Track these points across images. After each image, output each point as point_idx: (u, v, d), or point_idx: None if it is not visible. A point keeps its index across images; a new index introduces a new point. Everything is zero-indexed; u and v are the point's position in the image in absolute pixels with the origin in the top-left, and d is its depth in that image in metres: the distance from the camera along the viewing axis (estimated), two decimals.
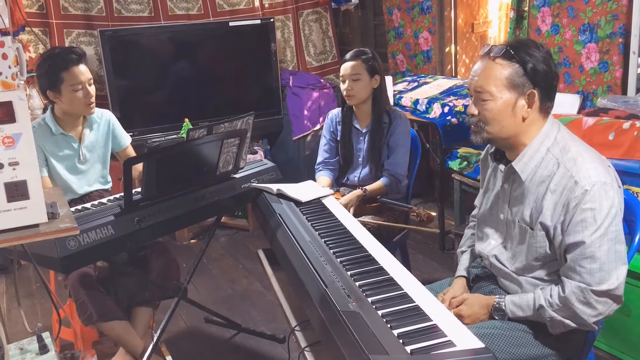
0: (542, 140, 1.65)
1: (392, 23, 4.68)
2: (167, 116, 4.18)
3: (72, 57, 2.53)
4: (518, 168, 1.68)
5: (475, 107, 1.67)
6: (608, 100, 2.70)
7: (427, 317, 1.41)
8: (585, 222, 1.54)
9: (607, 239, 1.53)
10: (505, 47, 1.63)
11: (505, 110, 1.63)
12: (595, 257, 1.53)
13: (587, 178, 1.54)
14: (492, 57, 1.64)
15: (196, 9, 4.56)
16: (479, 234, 1.92)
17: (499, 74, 1.61)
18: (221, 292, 3.47)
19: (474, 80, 1.67)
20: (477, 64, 1.69)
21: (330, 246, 1.83)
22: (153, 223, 2.09)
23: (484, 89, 1.63)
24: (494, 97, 1.62)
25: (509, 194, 1.76)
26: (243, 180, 2.44)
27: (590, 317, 1.56)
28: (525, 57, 1.60)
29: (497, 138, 1.68)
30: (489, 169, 1.89)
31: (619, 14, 2.88)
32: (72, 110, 2.59)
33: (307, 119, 4.57)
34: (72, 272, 2.33)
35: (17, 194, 1.27)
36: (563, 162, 1.60)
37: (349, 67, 2.72)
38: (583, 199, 1.53)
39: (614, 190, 1.55)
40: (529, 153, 1.66)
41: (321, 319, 1.45)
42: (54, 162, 2.62)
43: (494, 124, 1.65)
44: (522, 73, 1.60)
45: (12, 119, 1.23)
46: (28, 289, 3.57)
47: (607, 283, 1.53)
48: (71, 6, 4.11)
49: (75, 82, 2.51)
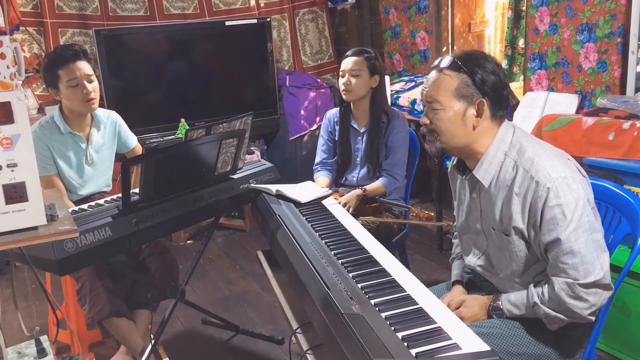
0: (498, 146, 1.68)
1: (388, 22, 4.67)
2: (163, 116, 4.16)
3: (68, 53, 2.51)
4: (479, 176, 1.70)
5: (427, 117, 1.71)
6: (608, 100, 2.70)
7: (431, 319, 1.39)
8: (555, 219, 1.55)
9: (582, 231, 1.54)
10: (452, 58, 1.67)
11: (456, 119, 1.66)
12: (574, 251, 1.54)
13: (546, 176, 1.56)
14: (440, 68, 1.68)
15: (192, 8, 4.54)
16: (463, 246, 1.94)
17: (447, 85, 1.65)
18: (218, 294, 3.45)
19: (425, 91, 1.71)
20: (429, 75, 1.73)
21: (331, 247, 1.81)
22: (151, 224, 2.08)
23: (434, 99, 1.67)
24: (444, 107, 1.66)
25: (478, 203, 1.78)
26: (241, 180, 2.43)
27: (584, 309, 1.57)
28: (474, 68, 1.63)
29: (450, 147, 1.71)
30: (458, 181, 1.91)
31: (617, 14, 2.87)
32: (73, 108, 2.56)
33: (304, 118, 4.55)
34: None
35: (15, 196, 1.24)
36: (521, 164, 1.63)
37: (350, 62, 2.71)
38: (547, 197, 1.55)
39: (576, 182, 1.57)
40: (487, 160, 1.69)
41: (324, 321, 1.43)
42: (60, 161, 2.60)
43: (446, 134, 1.68)
44: (470, 83, 1.64)
45: (11, 120, 1.21)
46: (23, 291, 3.54)
47: (593, 274, 1.54)
48: (66, 5, 4.08)
49: (71, 78, 2.49)
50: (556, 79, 3.28)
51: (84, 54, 2.55)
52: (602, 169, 2.46)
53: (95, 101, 2.57)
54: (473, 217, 1.83)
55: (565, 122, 2.62)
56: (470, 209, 1.83)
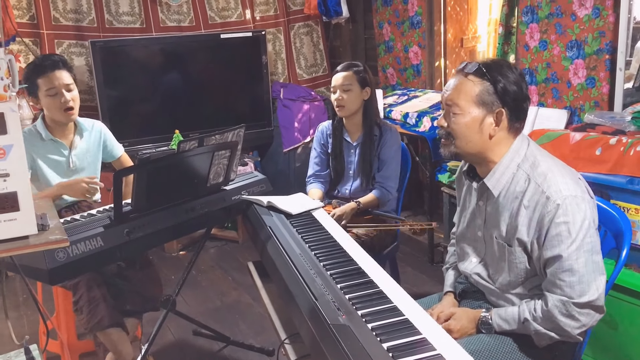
0: (512, 157, 1.68)
1: (382, 37, 4.72)
2: (157, 127, 4.18)
3: (47, 63, 2.54)
4: (490, 185, 1.71)
5: (445, 119, 1.72)
6: (595, 116, 2.74)
7: (416, 330, 1.41)
8: (560, 236, 1.56)
9: (584, 251, 1.56)
10: (478, 64, 1.67)
11: (473, 125, 1.67)
12: (573, 269, 1.56)
13: (558, 192, 1.57)
14: (465, 73, 1.68)
15: (188, 21, 4.58)
16: (459, 252, 1.95)
17: (469, 90, 1.66)
18: (210, 305, 3.45)
19: (446, 94, 1.71)
20: (452, 78, 1.73)
21: (321, 259, 1.83)
22: (143, 235, 2.09)
23: (454, 103, 1.67)
24: (463, 112, 1.67)
25: (484, 211, 1.78)
26: (233, 192, 2.44)
27: (574, 329, 1.58)
28: (497, 77, 1.64)
29: (464, 153, 1.72)
30: (464, 187, 1.92)
31: (605, 31, 2.92)
32: (52, 116, 2.59)
33: (298, 131, 4.58)
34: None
35: (7, 206, 1.26)
36: (534, 178, 1.63)
37: (340, 77, 2.74)
38: (556, 214, 1.56)
39: (585, 203, 1.58)
40: (499, 170, 1.69)
41: (311, 332, 1.45)
42: (44, 167, 2.61)
43: (461, 138, 1.69)
44: (492, 91, 1.64)
45: (4, 131, 1.23)
46: (14, 301, 3.54)
47: (588, 295, 1.55)
48: (62, 17, 4.11)
49: (49, 87, 2.52)
50: (546, 95, 3.32)
51: (64, 63, 2.58)
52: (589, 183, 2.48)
53: (75, 111, 2.60)
54: (475, 224, 1.83)
55: (553, 137, 2.66)
56: (474, 216, 1.84)
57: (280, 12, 4.94)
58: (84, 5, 4.16)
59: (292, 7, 5.01)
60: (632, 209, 2.38)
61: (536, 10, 3.29)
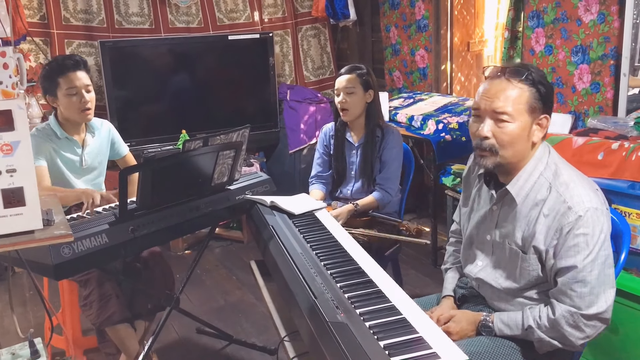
0: (536, 164, 1.65)
1: (389, 40, 4.74)
2: (164, 127, 4.22)
3: (69, 62, 2.57)
4: (513, 191, 1.67)
5: (489, 128, 1.62)
6: (598, 121, 2.75)
7: (413, 329, 1.43)
8: (577, 247, 1.55)
9: (598, 264, 1.55)
10: (524, 70, 1.60)
11: (522, 134, 1.61)
12: (586, 281, 1.55)
13: (580, 204, 1.56)
14: (508, 78, 1.60)
15: (196, 22, 4.62)
16: (465, 255, 1.93)
17: (518, 97, 1.59)
18: (214, 303, 3.48)
19: (492, 102, 1.60)
20: (491, 84, 1.63)
21: (321, 258, 1.85)
22: (147, 232, 2.11)
23: (505, 111, 1.59)
24: (513, 120, 1.59)
25: (497, 216, 1.76)
26: (237, 192, 2.47)
27: (578, 339, 1.59)
28: (540, 82, 1.60)
29: (506, 162, 1.65)
30: (474, 189, 1.88)
31: (610, 37, 2.93)
32: (68, 116, 2.62)
33: (304, 132, 4.61)
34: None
35: (13, 201, 1.29)
36: (555, 187, 1.61)
37: (344, 80, 2.76)
38: (576, 225, 1.55)
39: (604, 216, 1.58)
40: (523, 177, 1.66)
41: (310, 329, 1.47)
42: (60, 163, 2.65)
43: (508, 148, 1.61)
44: (538, 97, 1.60)
45: (11, 127, 1.26)
46: (21, 297, 3.58)
47: (596, 306, 1.56)
48: (72, 17, 4.16)
49: (70, 86, 2.55)
50: None
51: (84, 64, 2.62)
52: None
53: (91, 111, 2.64)
54: (485, 228, 1.81)
55: (556, 142, 2.67)
56: (485, 220, 1.80)
57: (288, 14, 4.98)
58: (94, 6, 4.21)
59: (300, 10, 5.05)
60: (633, 213, 2.39)
61: (542, 15, 3.30)
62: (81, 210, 2.32)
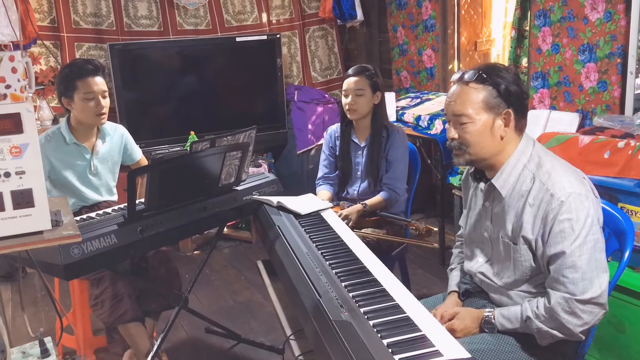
0: (519, 157, 1.72)
1: (396, 40, 4.75)
2: (173, 129, 4.26)
3: (88, 67, 2.61)
4: (498, 185, 1.74)
5: (454, 130, 1.74)
6: (604, 119, 2.74)
7: (416, 327, 1.44)
8: (564, 233, 1.59)
9: (587, 248, 1.58)
10: (477, 71, 1.70)
11: (484, 131, 1.70)
12: (576, 266, 1.58)
13: (562, 190, 1.60)
14: (465, 81, 1.71)
15: (204, 24, 4.65)
16: (467, 252, 1.98)
17: (474, 97, 1.69)
18: (222, 303, 3.51)
19: (451, 105, 1.74)
20: (452, 89, 1.76)
21: (327, 257, 1.87)
22: (155, 233, 2.14)
23: (462, 113, 1.70)
24: (472, 120, 1.69)
25: (490, 212, 1.81)
26: (245, 192, 2.49)
27: (577, 326, 1.60)
28: (497, 80, 1.68)
29: (478, 159, 1.75)
30: (471, 189, 1.95)
31: (617, 35, 2.93)
32: (83, 119, 2.65)
33: (311, 133, 4.63)
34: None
35: (22, 202, 1.32)
36: (538, 177, 1.67)
37: (352, 82, 2.77)
38: (560, 210, 1.59)
39: (589, 201, 1.61)
40: (507, 170, 1.72)
41: (314, 328, 1.49)
42: (64, 171, 2.68)
43: (474, 146, 1.71)
44: (496, 95, 1.68)
45: (20, 130, 1.29)
46: (33, 297, 3.62)
47: (590, 291, 1.57)
48: (82, 20, 4.20)
49: (88, 91, 2.59)
50: (558, 98, 3.33)
51: (102, 70, 2.66)
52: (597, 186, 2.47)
53: (106, 116, 2.68)
54: (481, 225, 1.86)
55: (563, 140, 2.67)
56: (480, 217, 1.87)
57: (296, 16, 5.00)
58: (103, 9, 4.25)
59: (308, 11, 5.07)
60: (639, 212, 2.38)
61: (548, 14, 3.30)
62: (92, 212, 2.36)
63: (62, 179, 2.69)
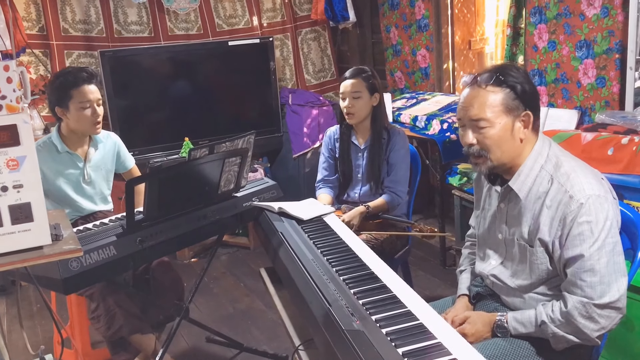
0: (536, 158, 1.68)
1: (390, 41, 4.72)
2: (167, 135, 4.20)
3: (83, 75, 2.57)
4: (515, 187, 1.69)
5: (472, 136, 1.68)
6: (606, 116, 2.72)
7: (431, 335, 1.40)
8: (582, 235, 1.55)
9: (606, 251, 1.54)
10: (493, 74, 1.65)
11: (504, 135, 1.65)
12: (594, 270, 1.54)
13: (581, 192, 1.56)
14: (480, 84, 1.66)
15: (195, 29, 4.60)
16: (480, 254, 1.93)
17: (492, 101, 1.63)
18: (222, 311, 3.46)
19: (467, 110, 1.67)
20: (466, 93, 1.70)
21: (333, 264, 1.83)
22: (155, 243, 2.09)
23: (481, 117, 1.64)
24: (492, 124, 1.64)
25: (505, 214, 1.77)
26: (244, 198, 2.45)
27: (594, 331, 1.56)
28: (513, 81, 1.63)
29: (500, 164, 1.69)
30: (484, 190, 1.91)
31: (614, 30, 2.91)
32: (78, 128, 2.61)
33: (307, 136, 4.59)
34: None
35: (21, 216, 1.27)
36: (557, 178, 1.63)
37: (349, 84, 2.73)
38: (579, 213, 1.55)
39: (608, 203, 1.57)
40: (524, 172, 1.68)
41: (325, 338, 1.44)
42: (58, 181, 2.63)
43: (495, 151, 1.66)
44: (514, 96, 1.63)
45: (17, 142, 1.24)
46: (29, 310, 3.56)
47: (608, 295, 1.54)
48: (71, 27, 4.14)
49: (84, 99, 2.55)
50: (556, 95, 3.31)
51: (96, 77, 2.61)
52: None
53: (101, 124, 2.64)
54: (496, 227, 1.82)
55: (565, 138, 2.65)
56: (495, 219, 1.83)
57: (288, 18, 4.96)
58: (92, 16, 4.19)
59: (299, 13, 5.03)
60: None
61: (544, 10, 3.28)
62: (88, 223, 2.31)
63: (56, 189, 2.63)
